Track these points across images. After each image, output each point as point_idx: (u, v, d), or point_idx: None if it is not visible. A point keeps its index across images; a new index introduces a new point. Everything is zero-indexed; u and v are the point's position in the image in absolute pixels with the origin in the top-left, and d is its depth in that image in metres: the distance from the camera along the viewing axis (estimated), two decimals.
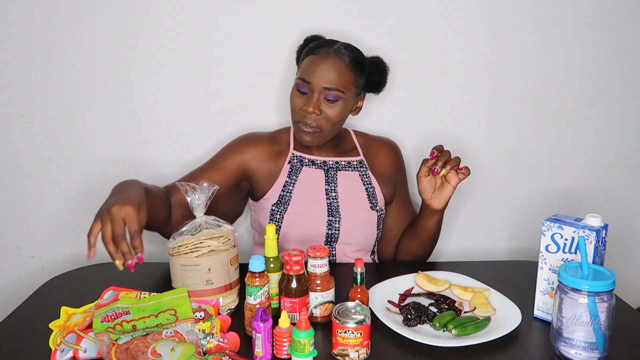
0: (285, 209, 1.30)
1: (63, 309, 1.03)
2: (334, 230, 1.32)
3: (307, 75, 1.26)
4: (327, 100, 1.26)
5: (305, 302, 1.03)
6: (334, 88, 1.25)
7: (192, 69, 1.54)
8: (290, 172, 1.34)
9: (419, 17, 1.55)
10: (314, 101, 1.26)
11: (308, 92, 1.27)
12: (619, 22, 1.58)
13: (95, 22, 1.49)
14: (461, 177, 1.22)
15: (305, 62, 1.29)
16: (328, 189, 1.34)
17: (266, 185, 1.34)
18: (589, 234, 0.99)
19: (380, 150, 1.44)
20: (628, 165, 1.69)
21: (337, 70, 1.25)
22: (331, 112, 1.27)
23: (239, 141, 1.36)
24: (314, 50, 1.28)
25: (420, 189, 1.27)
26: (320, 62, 1.26)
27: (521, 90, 1.61)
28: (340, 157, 1.39)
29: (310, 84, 1.26)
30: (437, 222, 1.31)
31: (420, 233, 1.34)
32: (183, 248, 1.04)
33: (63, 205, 1.59)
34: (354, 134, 1.45)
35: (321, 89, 1.26)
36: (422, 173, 1.25)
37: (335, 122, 1.29)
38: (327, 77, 1.25)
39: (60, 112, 1.54)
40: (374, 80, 1.34)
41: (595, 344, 0.91)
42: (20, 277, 1.62)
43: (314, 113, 1.26)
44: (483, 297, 1.12)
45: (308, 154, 1.37)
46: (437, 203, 1.26)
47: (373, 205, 1.36)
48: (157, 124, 1.57)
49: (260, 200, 1.35)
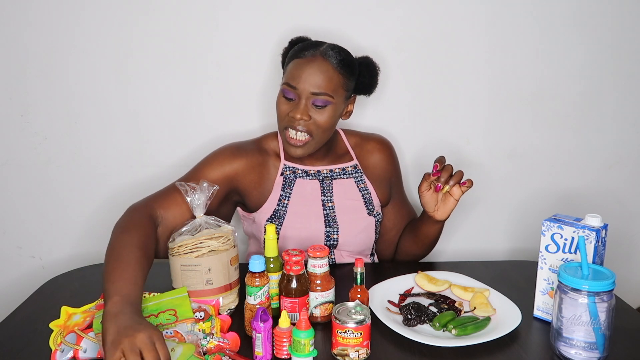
0: (280, 223, 1.27)
1: (63, 308, 1.03)
2: (332, 241, 1.29)
3: (292, 80, 1.20)
4: (315, 106, 1.20)
5: (305, 302, 1.03)
6: (322, 93, 1.19)
7: (192, 69, 1.54)
8: (284, 185, 1.30)
9: (418, 16, 1.55)
10: (302, 107, 1.19)
11: (295, 98, 1.21)
12: (619, 22, 1.58)
13: (94, 23, 1.49)
14: (464, 189, 1.18)
15: (291, 66, 1.23)
16: (324, 200, 1.31)
17: (259, 199, 1.30)
18: (588, 234, 0.99)
19: (373, 151, 1.39)
20: (628, 165, 1.69)
21: (325, 74, 1.19)
22: (320, 118, 1.21)
23: (223, 153, 1.29)
24: (300, 53, 1.22)
25: (422, 202, 1.23)
26: (306, 66, 1.19)
27: (521, 90, 1.61)
28: (333, 164, 1.35)
29: (296, 89, 1.20)
30: (439, 230, 1.31)
31: (422, 238, 1.33)
32: (183, 248, 1.04)
33: (63, 205, 1.59)
34: (344, 136, 1.40)
35: (308, 94, 1.19)
36: (424, 187, 1.20)
37: (325, 129, 1.22)
38: (314, 82, 1.19)
39: (60, 112, 1.54)
40: (364, 81, 1.28)
41: (595, 344, 0.91)
42: (20, 277, 1.62)
43: (302, 119, 1.20)
44: (483, 297, 1.12)
45: (300, 164, 1.32)
46: (440, 215, 1.23)
47: (370, 211, 1.34)
48: (157, 124, 1.56)
49: (253, 214, 1.31)
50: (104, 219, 1.61)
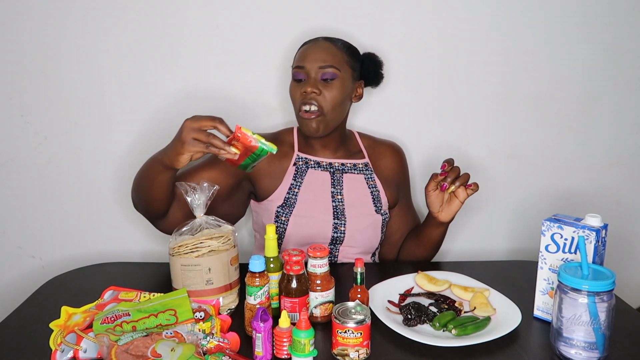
0: (290, 211, 1.30)
1: (63, 308, 1.03)
2: (339, 233, 1.31)
3: (300, 62, 1.29)
4: (323, 80, 1.27)
5: (305, 302, 1.03)
6: (328, 65, 1.27)
7: (193, 69, 1.54)
8: (295, 174, 1.33)
9: (419, 17, 1.55)
10: (311, 82, 1.27)
11: (304, 78, 1.29)
12: (619, 22, 1.58)
13: (95, 22, 1.49)
14: (469, 192, 1.22)
15: (297, 53, 1.33)
16: (334, 192, 1.34)
17: (270, 186, 1.33)
18: (588, 234, 0.99)
19: (385, 153, 1.43)
20: (628, 165, 1.69)
21: (329, 50, 1.29)
22: (330, 93, 1.27)
23: None
24: (303, 45, 1.33)
25: (428, 202, 1.27)
26: (312, 47, 1.30)
27: (521, 90, 1.61)
28: (345, 159, 1.38)
29: (304, 68, 1.28)
30: (442, 233, 1.32)
31: (425, 241, 1.35)
32: (183, 248, 1.04)
33: (63, 205, 1.59)
34: (358, 137, 1.45)
35: (316, 69, 1.27)
36: (431, 187, 1.24)
37: (335, 104, 1.28)
38: (320, 57, 1.27)
39: (60, 112, 1.54)
40: (369, 70, 1.37)
41: (595, 344, 0.91)
42: (20, 277, 1.62)
43: (313, 92, 1.26)
44: (483, 297, 1.12)
45: (313, 155, 1.36)
46: (444, 216, 1.26)
47: (378, 209, 1.36)
48: (157, 124, 1.56)
49: (264, 202, 1.34)
50: (104, 219, 1.62)
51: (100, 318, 0.97)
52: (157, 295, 1.07)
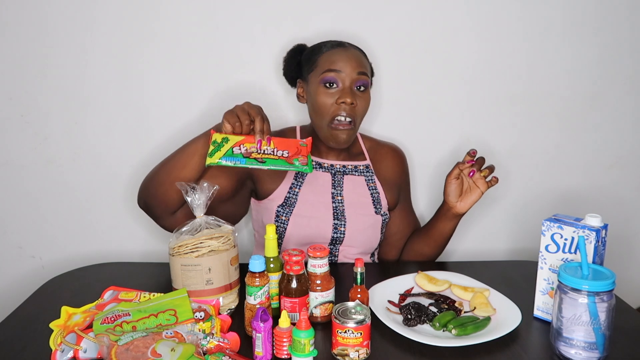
0: (290, 210, 1.30)
1: (63, 308, 1.03)
2: (339, 233, 1.31)
3: (335, 65, 1.24)
4: (358, 88, 1.25)
5: (305, 302, 1.03)
6: (364, 72, 1.25)
7: (193, 68, 1.54)
8: (296, 174, 1.33)
9: (417, 17, 1.55)
10: (347, 91, 1.23)
11: (338, 84, 1.24)
12: (619, 22, 1.58)
13: (95, 22, 1.49)
14: (493, 182, 1.25)
15: (325, 56, 1.26)
16: (334, 193, 1.34)
17: (271, 185, 1.33)
18: (588, 233, 0.99)
19: (387, 155, 1.43)
20: (628, 165, 1.69)
21: (360, 58, 1.27)
22: (362, 103, 1.26)
23: None
24: (328, 47, 1.28)
25: (446, 192, 1.27)
26: (345, 52, 1.26)
27: (521, 90, 1.61)
28: (347, 161, 1.38)
29: (340, 72, 1.23)
30: (453, 227, 1.33)
31: (436, 236, 1.35)
32: (183, 248, 1.04)
33: (63, 205, 1.59)
34: (361, 138, 1.45)
35: (355, 76, 1.24)
36: (454, 175, 1.25)
37: (362, 115, 1.29)
38: (356, 63, 1.24)
39: (60, 112, 1.54)
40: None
41: (595, 344, 0.91)
42: (20, 277, 1.62)
43: (352, 103, 1.23)
44: (483, 297, 1.12)
45: (316, 156, 1.36)
46: (462, 206, 1.27)
47: (377, 210, 1.36)
48: (157, 124, 1.57)
49: (265, 201, 1.34)
50: (104, 219, 1.62)
51: (100, 318, 0.98)
52: (157, 295, 1.07)
